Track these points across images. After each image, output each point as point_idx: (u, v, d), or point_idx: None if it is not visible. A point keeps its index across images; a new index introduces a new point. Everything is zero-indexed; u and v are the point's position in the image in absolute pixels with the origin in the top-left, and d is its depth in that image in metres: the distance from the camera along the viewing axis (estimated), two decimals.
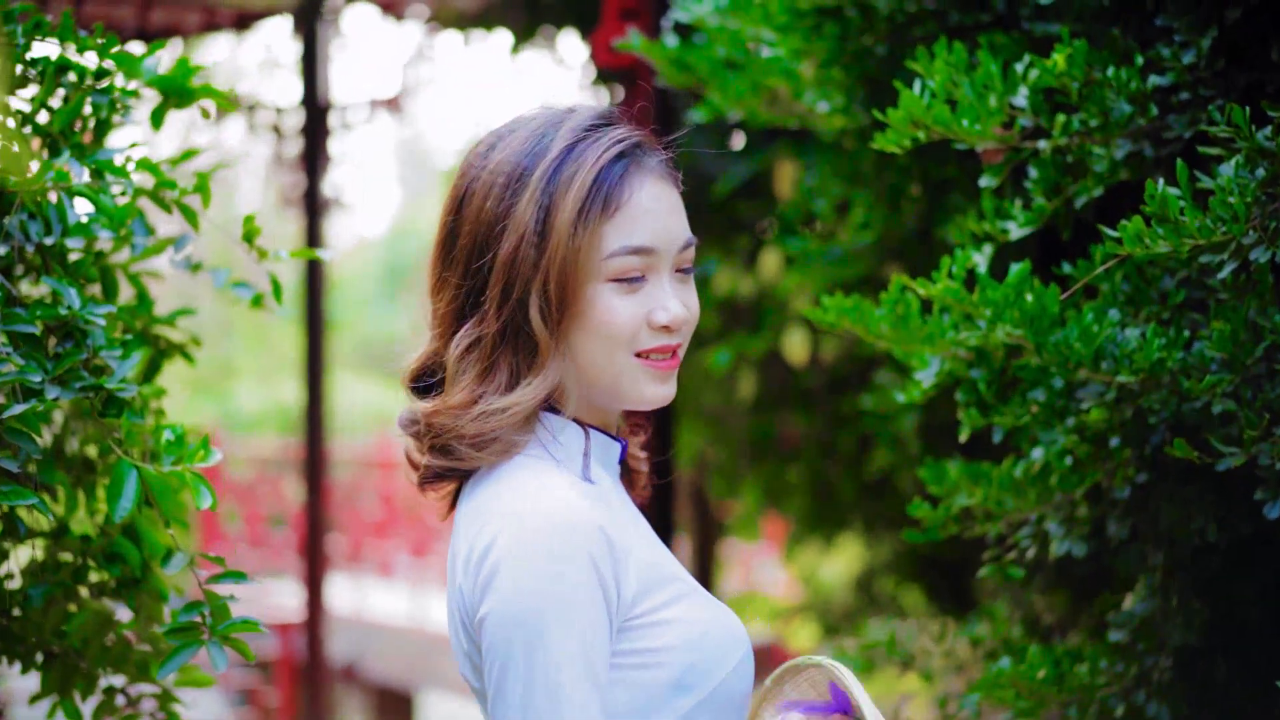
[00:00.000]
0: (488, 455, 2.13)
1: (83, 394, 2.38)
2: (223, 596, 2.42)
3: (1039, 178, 2.76)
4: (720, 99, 3.58)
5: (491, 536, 2.07)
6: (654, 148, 2.21)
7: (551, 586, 2.01)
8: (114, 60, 2.84)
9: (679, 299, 2.17)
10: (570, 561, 2.01)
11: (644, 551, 2.13)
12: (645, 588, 2.09)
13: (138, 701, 2.99)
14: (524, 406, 2.13)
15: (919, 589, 6.01)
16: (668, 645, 2.08)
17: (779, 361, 5.84)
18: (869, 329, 2.75)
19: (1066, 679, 2.84)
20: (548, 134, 2.16)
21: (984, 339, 2.63)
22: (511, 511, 2.07)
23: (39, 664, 2.89)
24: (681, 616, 2.10)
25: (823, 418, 5.77)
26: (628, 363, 2.15)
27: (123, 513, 2.32)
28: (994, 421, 2.79)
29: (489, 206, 2.14)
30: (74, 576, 2.82)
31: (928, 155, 3.42)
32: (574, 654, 2.00)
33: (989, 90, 2.67)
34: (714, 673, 2.11)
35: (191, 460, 2.36)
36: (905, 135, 2.66)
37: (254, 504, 14.49)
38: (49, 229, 2.56)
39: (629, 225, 2.12)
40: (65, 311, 2.41)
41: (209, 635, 2.36)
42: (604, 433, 2.24)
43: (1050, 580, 3.91)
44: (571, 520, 2.03)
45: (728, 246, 5.89)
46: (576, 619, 2.01)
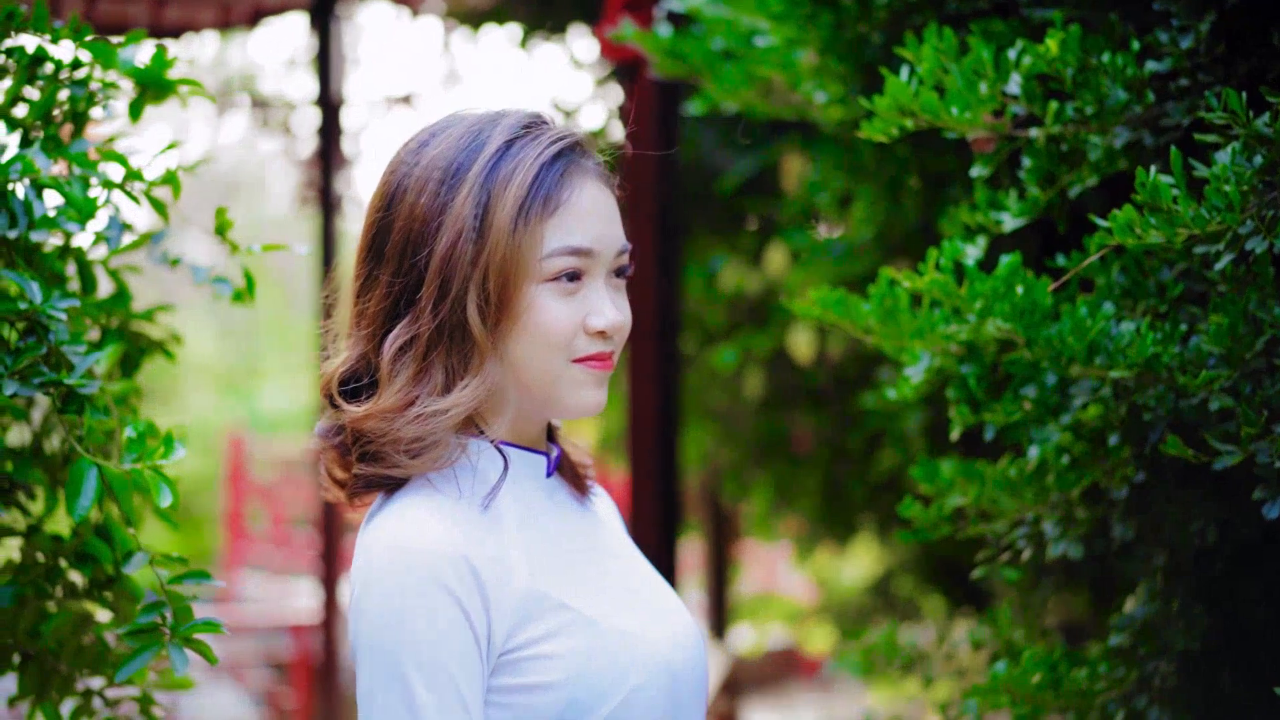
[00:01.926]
0: (421, 463, 2.06)
1: (43, 390, 2.32)
2: (186, 597, 2.36)
3: (1032, 167, 2.68)
4: (716, 90, 3.51)
5: (354, 567, 2.05)
6: (591, 150, 2.16)
7: (401, 621, 1.98)
8: (90, 51, 2.79)
9: (614, 305, 2.12)
10: (419, 595, 1.98)
11: (532, 581, 2.07)
12: (524, 618, 2.04)
13: (116, 705, 2.93)
14: (461, 409, 2.06)
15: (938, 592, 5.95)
16: (548, 681, 2.03)
17: (786, 360, 5.77)
18: (856, 323, 2.68)
19: (1064, 683, 2.76)
20: (484, 130, 2.10)
21: (974, 333, 2.56)
22: (370, 543, 2.04)
23: (15, 665, 2.84)
24: (563, 650, 2.04)
25: (831, 417, 5.70)
26: (564, 369, 2.09)
27: (81, 510, 2.27)
28: (985, 419, 2.72)
29: (423, 203, 2.08)
30: (46, 576, 2.77)
31: (926, 147, 3.35)
32: (433, 685, 1.97)
33: (979, 77, 2.59)
34: (596, 708, 2.05)
35: (152, 458, 2.30)
36: (892, 123, 2.59)
37: (278, 505, 14.48)
38: (14, 222, 2.51)
39: (568, 225, 2.07)
40: (25, 306, 2.35)
41: (170, 637, 2.30)
42: (530, 449, 2.19)
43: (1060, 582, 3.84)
44: (424, 550, 1.99)
45: (734, 242, 5.83)
46: (430, 652, 1.97)
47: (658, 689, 2.09)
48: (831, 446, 5.78)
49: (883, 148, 3.56)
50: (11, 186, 2.54)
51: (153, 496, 2.28)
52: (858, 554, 6.82)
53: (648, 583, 2.24)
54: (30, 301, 2.37)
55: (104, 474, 2.31)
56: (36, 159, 2.56)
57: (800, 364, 5.72)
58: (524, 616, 2.03)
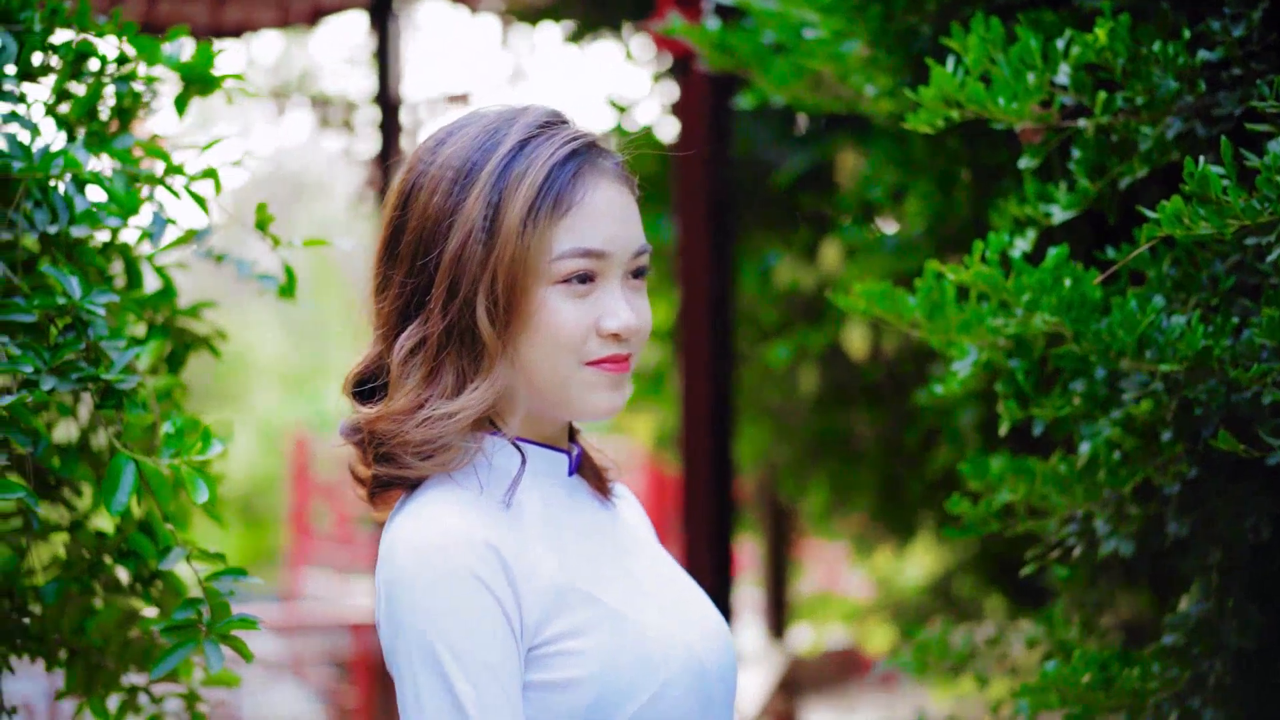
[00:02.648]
0: (433, 465, 2.05)
1: (81, 385, 2.32)
2: (222, 593, 2.36)
3: (1082, 158, 2.64)
4: (765, 84, 3.48)
5: (379, 569, 2.03)
6: (608, 150, 2.12)
7: (433, 614, 1.96)
8: (134, 47, 2.79)
9: (630, 306, 2.08)
10: (449, 585, 1.96)
11: (559, 575, 2.05)
12: (552, 610, 2.02)
13: (162, 701, 2.94)
14: (471, 411, 2.04)
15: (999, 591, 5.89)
16: (575, 678, 2.01)
17: (841, 356, 5.73)
18: (903, 317, 2.64)
19: (1116, 683, 2.72)
20: (500, 130, 2.08)
21: (1022, 327, 2.52)
22: (395, 541, 2.02)
23: (62, 661, 2.84)
24: (591, 646, 2.02)
25: (887, 414, 5.65)
26: (576, 372, 2.06)
27: (118, 505, 2.26)
28: (1034, 414, 2.67)
29: (436, 202, 2.06)
30: (90, 572, 2.78)
31: (979, 139, 3.31)
32: (473, 676, 1.95)
33: (1027, 67, 2.55)
34: (623, 705, 2.02)
35: (189, 453, 2.30)
36: (938, 114, 2.55)
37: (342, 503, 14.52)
38: (55, 217, 2.51)
39: (580, 226, 2.03)
40: (63, 300, 2.35)
41: (207, 633, 2.29)
42: (550, 447, 2.16)
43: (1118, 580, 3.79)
44: (447, 543, 1.97)
45: (788, 238, 5.79)
46: (466, 643, 1.95)
47: (686, 686, 2.06)
48: (888, 444, 5.73)
49: (935, 141, 3.52)
50: (53, 182, 2.54)
51: (189, 492, 2.27)
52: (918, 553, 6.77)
53: (674, 581, 2.22)
54: (69, 296, 2.37)
55: (142, 469, 2.30)
56: (78, 154, 2.57)
57: (855, 360, 5.68)
58: (552, 609, 2.01)
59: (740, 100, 3.66)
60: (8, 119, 2.60)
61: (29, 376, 2.26)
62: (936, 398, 2.85)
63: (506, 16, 7.55)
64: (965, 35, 2.59)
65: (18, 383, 2.28)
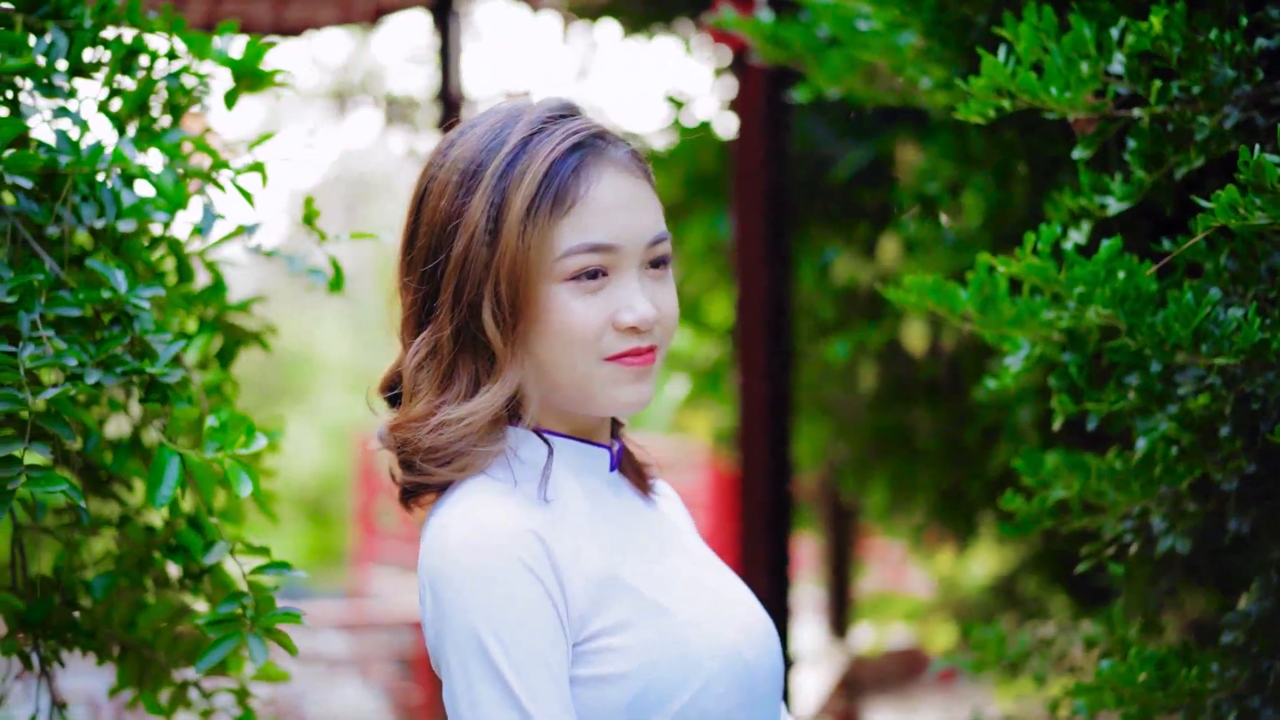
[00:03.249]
0: (451, 470, 2.03)
1: (125, 378, 2.32)
2: (268, 587, 2.35)
3: (1137, 149, 2.59)
4: (819, 76, 3.45)
5: (422, 565, 2.01)
6: (617, 139, 2.08)
7: (480, 605, 1.93)
8: (185, 43, 2.79)
9: (649, 298, 2.05)
10: (495, 575, 1.93)
11: (603, 567, 2.02)
12: (596, 603, 1.99)
13: (212, 696, 2.94)
14: (480, 416, 2.02)
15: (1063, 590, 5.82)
16: (618, 673, 1.98)
17: (900, 352, 5.68)
18: (954, 311, 2.60)
19: (1173, 682, 2.67)
20: (506, 127, 2.05)
21: (1075, 320, 2.48)
22: (438, 535, 1.99)
23: (114, 656, 2.85)
24: (634, 640, 1.99)
25: (947, 410, 5.59)
26: (596, 368, 2.03)
27: (162, 499, 2.26)
28: (1088, 408, 2.63)
29: (443, 205, 2.04)
30: (139, 567, 2.78)
31: (1035, 131, 3.26)
32: (524, 669, 1.92)
33: (1081, 56, 2.51)
34: (665, 702, 1.99)
35: (233, 447, 2.29)
36: (989, 105, 2.51)
37: None
38: (102, 211, 2.52)
39: (585, 222, 2.00)
40: (109, 294, 2.35)
41: (250, 627, 2.29)
42: (586, 441, 2.13)
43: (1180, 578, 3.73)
44: (492, 532, 1.95)
45: (847, 234, 5.74)
46: (515, 634, 1.92)
47: (730, 683, 2.04)
48: (948, 441, 5.67)
49: (991, 134, 3.48)
50: (101, 177, 2.55)
51: (233, 485, 2.27)
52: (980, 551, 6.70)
53: (718, 579, 2.19)
54: (115, 290, 2.37)
55: (187, 463, 2.30)
56: (125, 149, 2.57)
57: (914, 356, 5.63)
58: (596, 602, 1.99)
59: (795, 94, 3.62)
60: (58, 114, 2.61)
61: (74, 370, 2.26)
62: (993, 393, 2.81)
63: (567, 14, 7.54)
64: (1017, 24, 2.55)
65: (64, 377, 2.28)
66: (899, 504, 6.18)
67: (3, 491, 2.13)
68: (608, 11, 7.02)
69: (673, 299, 2.09)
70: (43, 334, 2.26)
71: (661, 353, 2.09)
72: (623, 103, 8.07)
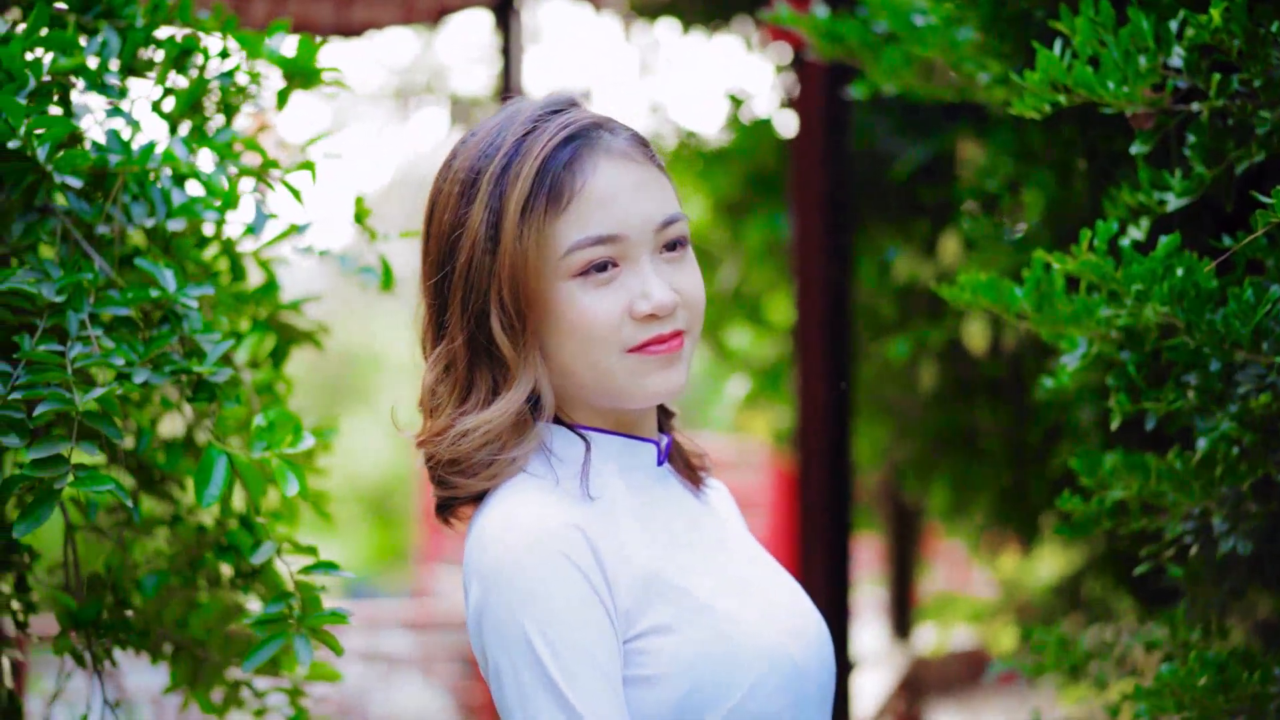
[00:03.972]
0: (478, 481, 2.01)
1: (173, 378, 2.32)
2: (315, 587, 2.35)
3: (1196, 144, 2.54)
4: (875, 73, 3.41)
5: (467, 567, 1.99)
6: (616, 126, 2.05)
7: (527, 604, 1.90)
8: (237, 41, 2.79)
9: (666, 282, 2.01)
10: (543, 573, 1.91)
11: (649, 564, 1.99)
12: (643, 602, 1.96)
13: (265, 695, 2.94)
14: (496, 424, 2.00)
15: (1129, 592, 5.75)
16: (663, 674, 1.95)
17: (961, 351, 5.62)
18: (1009, 309, 2.56)
19: (1235, 686, 2.62)
20: (502, 130, 2.03)
21: (1133, 318, 2.43)
22: (482, 536, 1.97)
23: (167, 655, 2.86)
24: (678, 643, 1.96)
25: (1009, 410, 5.53)
26: (619, 361, 2.00)
27: (210, 498, 2.26)
28: (1146, 408, 2.58)
29: (447, 218, 2.03)
30: (191, 567, 2.79)
31: (1095, 126, 3.21)
32: (575, 671, 1.89)
33: (1138, 49, 2.47)
34: (714, 703, 1.96)
35: (280, 446, 2.28)
36: (1044, 99, 2.47)
37: None
38: (153, 210, 2.52)
39: (586, 215, 1.98)
40: (157, 294, 2.35)
41: (297, 627, 2.28)
42: (631, 436, 2.10)
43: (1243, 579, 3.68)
44: (537, 531, 1.92)
45: (908, 231, 5.69)
46: (565, 633, 1.90)
47: (776, 685, 2.00)
48: (1010, 441, 5.61)
49: (1051, 129, 3.43)
50: (152, 177, 2.55)
51: (279, 484, 2.26)
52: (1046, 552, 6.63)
53: (768, 577, 2.15)
54: (164, 290, 2.37)
55: (234, 462, 2.29)
56: (175, 148, 2.57)
57: (975, 355, 5.57)
58: (643, 599, 1.96)
59: (852, 90, 3.59)
60: (111, 114, 2.61)
61: (122, 370, 2.26)
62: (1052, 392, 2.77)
63: (628, 13, 7.52)
64: (1074, 18, 2.51)
65: (113, 376, 2.28)
66: (960, 504, 6.12)
67: (49, 491, 2.13)
68: (669, 10, 6.99)
69: (694, 280, 2.05)
70: (91, 333, 2.26)
71: (693, 337, 2.06)
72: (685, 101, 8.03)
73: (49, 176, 2.36)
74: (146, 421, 2.89)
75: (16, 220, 2.41)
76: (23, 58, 2.41)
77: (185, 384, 2.33)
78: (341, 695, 9.70)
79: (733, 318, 6.94)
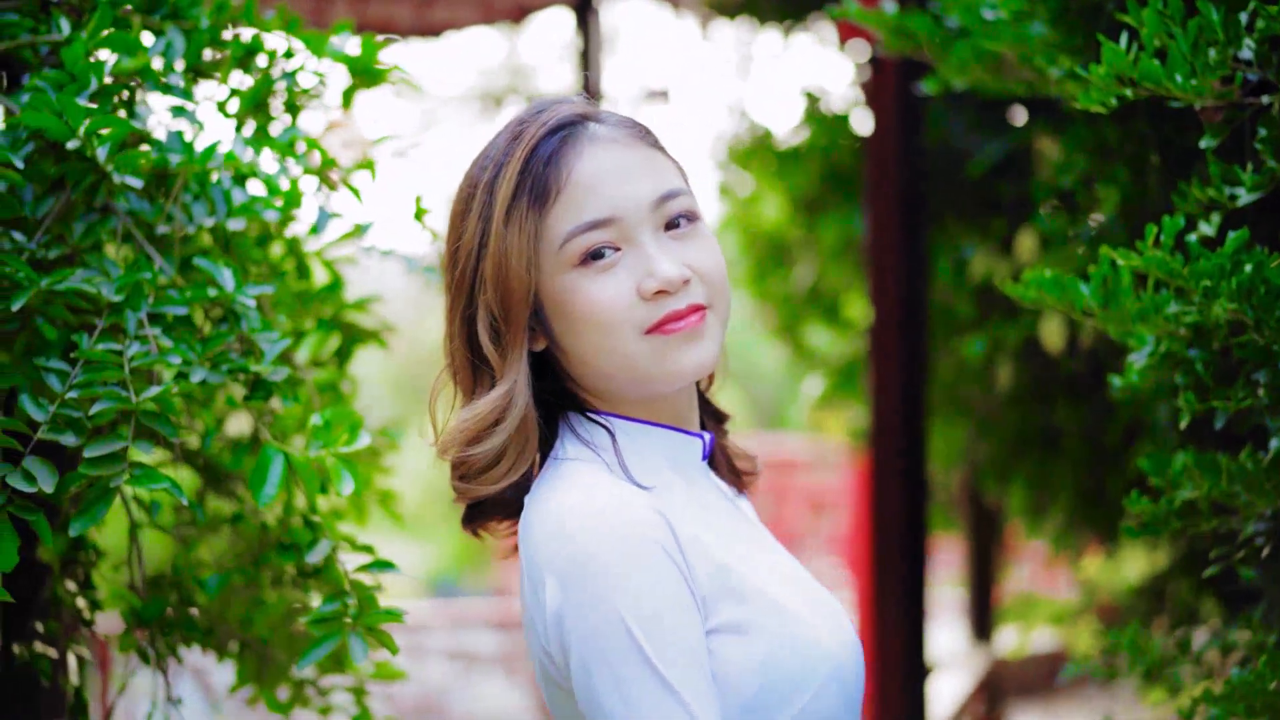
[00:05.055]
0: (484, 485, 2.00)
1: (231, 376, 2.32)
2: (371, 586, 2.34)
3: (1268, 137, 2.49)
4: (945, 68, 3.37)
5: (540, 557, 1.93)
6: (603, 114, 2.04)
7: (627, 592, 1.85)
8: (301, 41, 2.80)
9: (675, 257, 1.98)
10: (638, 557, 1.86)
11: (719, 553, 1.96)
12: (718, 592, 1.93)
13: (329, 694, 2.95)
14: (471, 425, 2.00)
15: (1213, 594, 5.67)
16: (736, 672, 1.91)
17: (1038, 349, 5.55)
18: (1075, 306, 2.52)
19: None
20: (498, 139, 2.04)
21: (1201, 315, 2.38)
22: (560, 526, 1.91)
23: (234, 653, 2.87)
24: (753, 637, 1.93)
25: (1087, 409, 5.45)
26: (638, 344, 1.98)
27: (266, 497, 2.26)
28: (1215, 406, 2.53)
29: (451, 235, 2.06)
30: (254, 565, 2.79)
31: (1169, 121, 3.16)
32: (678, 657, 1.85)
33: (1207, 42, 2.41)
34: (791, 698, 1.93)
35: (335, 444, 2.28)
36: (1110, 93, 2.43)
37: None
38: (213, 209, 2.53)
39: (575, 203, 1.97)
40: (215, 293, 2.35)
41: (352, 625, 2.27)
42: (678, 429, 2.08)
43: None
44: (625, 519, 1.88)
45: (984, 229, 5.62)
46: (668, 619, 1.85)
47: (839, 688, 1.99)
48: (1089, 441, 5.53)
49: (1125, 125, 3.38)
50: (216, 176, 2.56)
51: (334, 483, 2.26)
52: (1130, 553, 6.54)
53: (810, 580, 2.13)
54: (221, 288, 2.38)
55: (290, 461, 2.29)
56: (236, 148, 2.58)
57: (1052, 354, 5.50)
58: (719, 592, 1.93)
59: (923, 86, 3.54)
60: (175, 114, 2.63)
61: (180, 369, 2.27)
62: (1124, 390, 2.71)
63: (707, 11, 7.50)
64: (1141, 10, 2.46)
65: (172, 375, 2.29)
66: (1040, 504, 6.04)
67: (106, 489, 2.14)
68: (746, 8, 6.96)
69: (707, 253, 2.02)
70: (149, 332, 2.27)
71: (719, 312, 2.02)
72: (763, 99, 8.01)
73: (109, 177, 2.37)
74: (212, 421, 2.90)
75: (79, 220, 2.42)
76: (86, 59, 2.42)
77: (243, 383, 2.33)
78: (424, 693, 9.74)
79: (810, 316, 6.90)
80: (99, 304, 2.32)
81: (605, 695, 1.85)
